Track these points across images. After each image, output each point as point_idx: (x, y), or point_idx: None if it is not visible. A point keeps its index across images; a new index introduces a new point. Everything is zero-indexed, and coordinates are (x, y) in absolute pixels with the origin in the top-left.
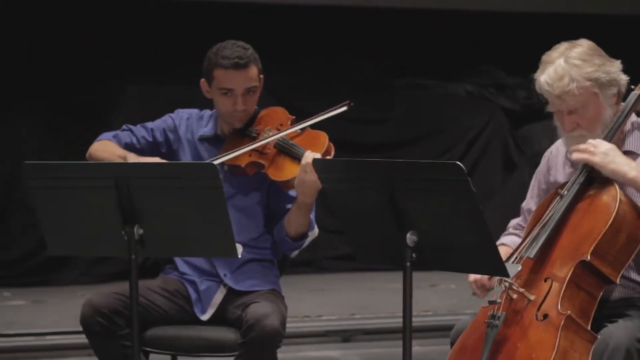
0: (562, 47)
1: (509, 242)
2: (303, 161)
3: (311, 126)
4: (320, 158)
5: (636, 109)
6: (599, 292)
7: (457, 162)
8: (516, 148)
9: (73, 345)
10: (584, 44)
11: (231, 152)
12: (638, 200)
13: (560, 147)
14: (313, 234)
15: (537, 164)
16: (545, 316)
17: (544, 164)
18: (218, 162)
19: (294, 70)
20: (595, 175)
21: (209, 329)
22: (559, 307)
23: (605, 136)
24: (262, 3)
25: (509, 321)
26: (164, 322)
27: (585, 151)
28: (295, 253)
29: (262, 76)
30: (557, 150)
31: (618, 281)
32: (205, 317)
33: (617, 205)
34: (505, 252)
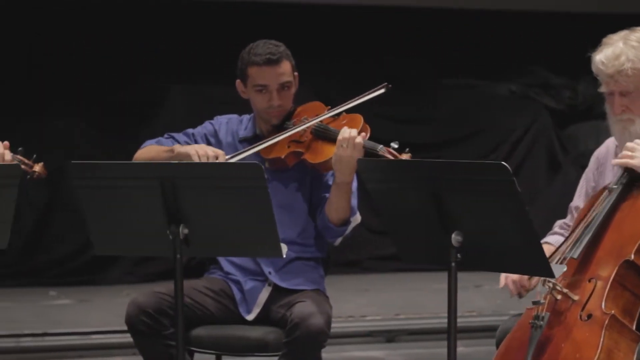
0: (624, 32)
1: (553, 242)
2: (340, 136)
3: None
4: (364, 158)
5: None
6: None
7: (503, 163)
8: (561, 148)
9: (118, 344)
10: None
11: (268, 140)
12: None
13: (610, 146)
14: (355, 220)
15: (582, 164)
16: (589, 316)
17: (593, 163)
18: (256, 152)
19: (339, 70)
20: (636, 176)
21: (254, 329)
22: (603, 307)
23: None
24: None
25: (553, 322)
26: (209, 322)
27: (624, 156)
28: (339, 240)
29: (297, 73)
30: (607, 149)
31: None
32: (250, 317)
33: None
34: (547, 250)
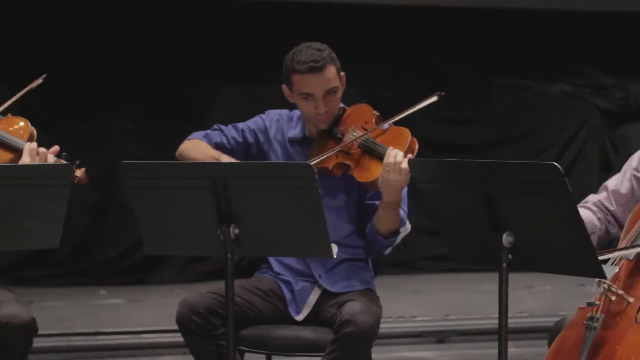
0: None
1: (585, 217)
2: (385, 160)
3: (403, 121)
4: (415, 158)
5: None
6: None
7: (554, 163)
8: (613, 149)
9: (169, 343)
10: None
11: (318, 158)
12: None
13: None
14: (405, 230)
15: None
16: None
17: None
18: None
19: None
20: None
21: (304, 329)
22: None
23: None
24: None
25: (607, 323)
26: (259, 322)
27: None
28: (388, 250)
29: (343, 73)
30: None
31: None
32: (300, 317)
33: None
34: None
